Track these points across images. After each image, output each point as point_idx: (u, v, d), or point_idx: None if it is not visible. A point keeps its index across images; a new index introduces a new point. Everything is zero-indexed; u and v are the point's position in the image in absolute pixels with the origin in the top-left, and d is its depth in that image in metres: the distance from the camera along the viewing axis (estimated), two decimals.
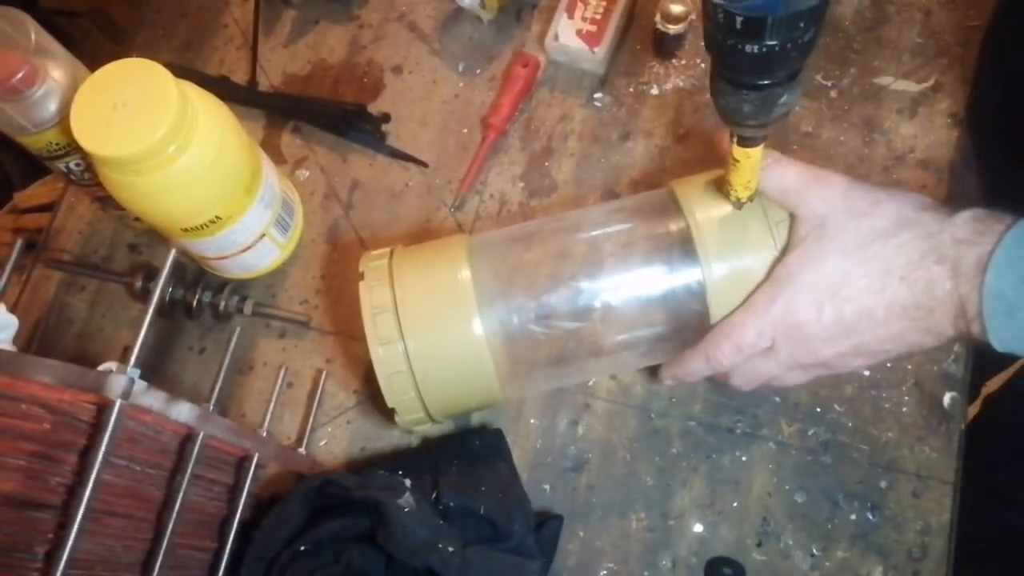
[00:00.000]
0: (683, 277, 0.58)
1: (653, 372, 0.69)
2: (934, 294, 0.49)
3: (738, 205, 0.55)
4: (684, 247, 0.57)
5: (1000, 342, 0.47)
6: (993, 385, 0.97)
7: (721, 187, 0.57)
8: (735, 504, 0.66)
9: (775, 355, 0.55)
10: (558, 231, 0.63)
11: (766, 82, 0.45)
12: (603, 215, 0.63)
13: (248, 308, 0.73)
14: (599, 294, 0.58)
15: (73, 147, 0.66)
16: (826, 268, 0.52)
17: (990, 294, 0.47)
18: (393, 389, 0.58)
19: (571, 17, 0.77)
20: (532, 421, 0.70)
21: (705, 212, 0.57)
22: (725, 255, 0.56)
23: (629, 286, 0.59)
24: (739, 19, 0.40)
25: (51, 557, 0.45)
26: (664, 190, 0.62)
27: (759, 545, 0.65)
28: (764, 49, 0.42)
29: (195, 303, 0.73)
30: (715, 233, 0.57)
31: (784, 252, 0.55)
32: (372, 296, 0.59)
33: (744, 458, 0.67)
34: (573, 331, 0.59)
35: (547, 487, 0.68)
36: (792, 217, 0.55)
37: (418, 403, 0.59)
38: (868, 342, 0.52)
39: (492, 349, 0.58)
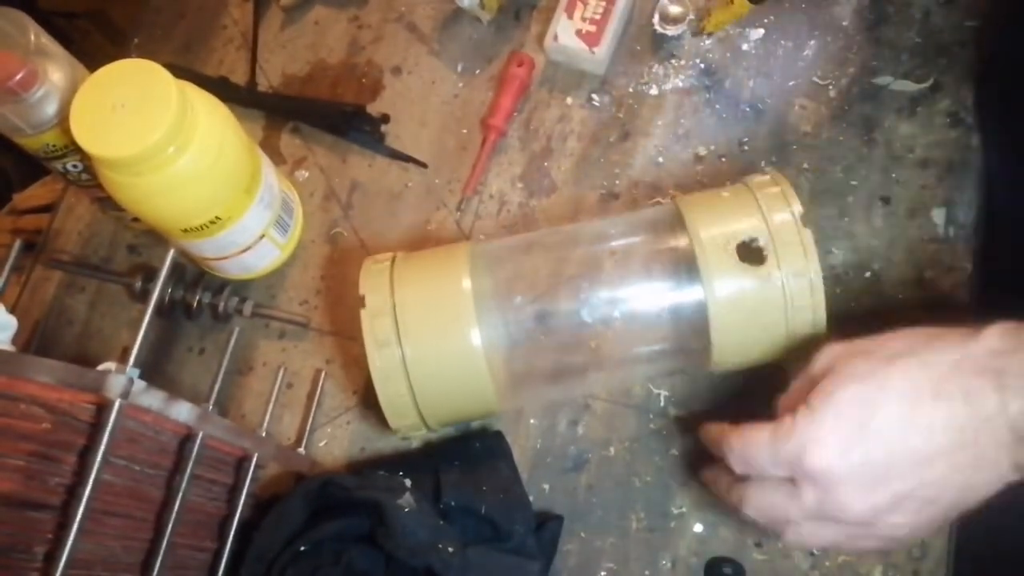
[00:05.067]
0: (685, 295, 0.58)
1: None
2: (978, 411, 0.41)
3: (698, 33, 0.61)
4: (687, 265, 0.57)
5: None
6: None
7: (733, 203, 0.58)
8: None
9: (797, 497, 0.47)
10: (561, 244, 0.63)
11: None
12: (607, 229, 0.63)
13: (247, 309, 0.73)
14: (600, 308, 0.58)
15: (71, 148, 0.66)
16: (845, 397, 0.45)
17: None
18: (388, 393, 0.58)
19: (570, 17, 0.77)
20: (532, 421, 0.70)
21: (708, 231, 0.57)
22: (728, 274, 0.56)
23: (630, 302, 0.59)
24: None
25: (50, 557, 0.45)
26: (669, 205, 0.62)
27: (759, 545, 0.65)
28: None
29: (195, 304, 0.73)
30: (719, 253, 0.56)
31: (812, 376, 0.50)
32: (371, 301, 0.59)
33: None
34: (572, 344, 0.59)
35: (547, 487, 0.68)
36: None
37: (413, 409, 0.59)
38: (907, 489, 0.43)
39: (490, 360, 0.58)
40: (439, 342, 0.58)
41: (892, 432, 0.43)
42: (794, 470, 0.46)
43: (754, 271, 0.56)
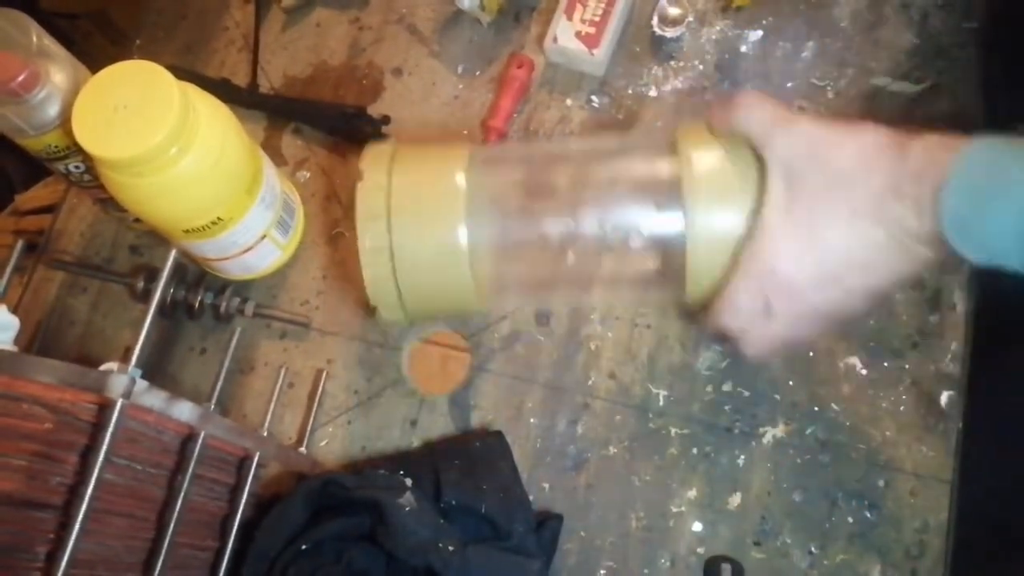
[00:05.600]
0: (669, 218, 0.57)
1: (653, 372, 0.70)
2: (906, 229, 0.49)
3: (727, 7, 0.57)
4: (673, 188, 0.57)
5: (976, 258, 0.47)
6: None
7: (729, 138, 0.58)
8: (734, 503, 0.66)
9: (773, 315, 0.55)
10: (557, 155, 0.63)
11: None
12: (605, 146, 0.63)
13: (249, 309, 0.73)
14: (585, 217, 0.59)
15: (73, 149, 0.66)
16: (796, 216, 0.52)
17: (951, 226, 0.46)
18: (374, 271, 0.59)
19: (570, 19, 0.77)
20: (531, 421, 0.70)
21: (700, 157, 0.57)
22: (710, 202, 0.56)
23: (615, 215, 0.59)
24: None
25: (52, 557, 0.45)
26: (671, 132, 0.62)
27: (757, 544, 0.65)
28: None
29: (196, 304, 0.73)
30: (704, 179, 0.56)
31: (759, 203, 0.54)
32: (368, 176, 0.60)
33: (742, 457, 0.67)
34: (555, 249, 0.60)
35: (546, 486, 0.68)
36: (763, 164, 0.54)
37: (394, 289, 0.60)
38: (853, 284, 0.52)
39: (474, 256, 0.59)
40: (427, 229, 0.59)
41: (839, 246, 0.51)
42: (764, 287, 0.54)
43: (733, 203, 0.56)
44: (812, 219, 0.52)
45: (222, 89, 0.82)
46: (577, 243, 0.59)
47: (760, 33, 0.78)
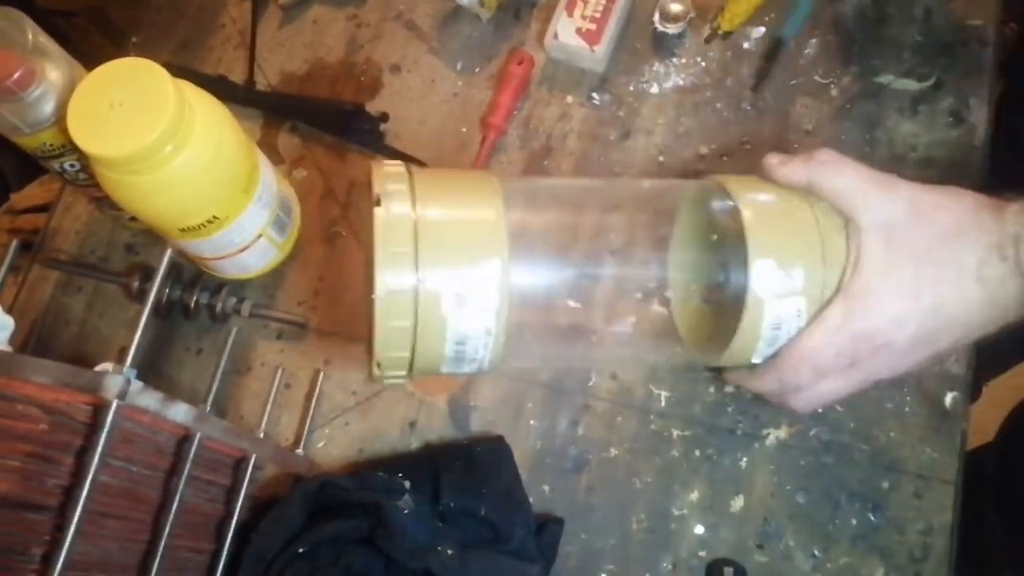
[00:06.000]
0: (723, 268, 0.55)
1: (655, 373, 0.69)
2: (1006, 291, 0.49)
3: (712, 36, 0.51)
4: (732, 237, 0.54)
5: None
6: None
7: (777, 188, 0.55)
8: (736, 505, 0.66)
9: (853, 373, 0.53)
10: (600, 196, 0.60)
11: None
12: (649, 189, 0.60)
13: (245, 309, 0.73)
14: (630, 268, 0.56)
15: (68, 147, 0.65)
16: (901, 277, 0.51)
17: None
18: (389, 313, 0.48)
19: (570, 15, 0.77)
20: (532, 422, 0.69)
21: (758, 207, 0.54)
22: (772, 252, 0.53)
23: (663, 266, 0.56)
24: None
25: (48, 559, 0.45)
26: (709, 181, 0.58)
27: (760, 546, 0.65)
28: None
29: (192, 304, 0.72)
30: (766, 228, 0.53)
31: (854, 264, 0.52)
32: (389, 200, 0.49)
33: (745, 459, 0.67)
34: (595, 301, 0.56)
35: (547, 488, 0.68)
36: (850, 224, 0.53)
37: (410, 337, 0.49)
38: (947, 346, 0.52)
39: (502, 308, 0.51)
40: (466, 273, 0.49)
41: (946, 307, 0.50)
42: (856, 347, 0.52)
43: (801, 259, 0.53)
44: (918, 280, 0.51)
45: (218, 86, 0.81)
46: (606, 295, 0.56)
47: (763, 30, 0.77)
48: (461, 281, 0.48)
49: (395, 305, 0.48)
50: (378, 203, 0.49)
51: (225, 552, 0.61)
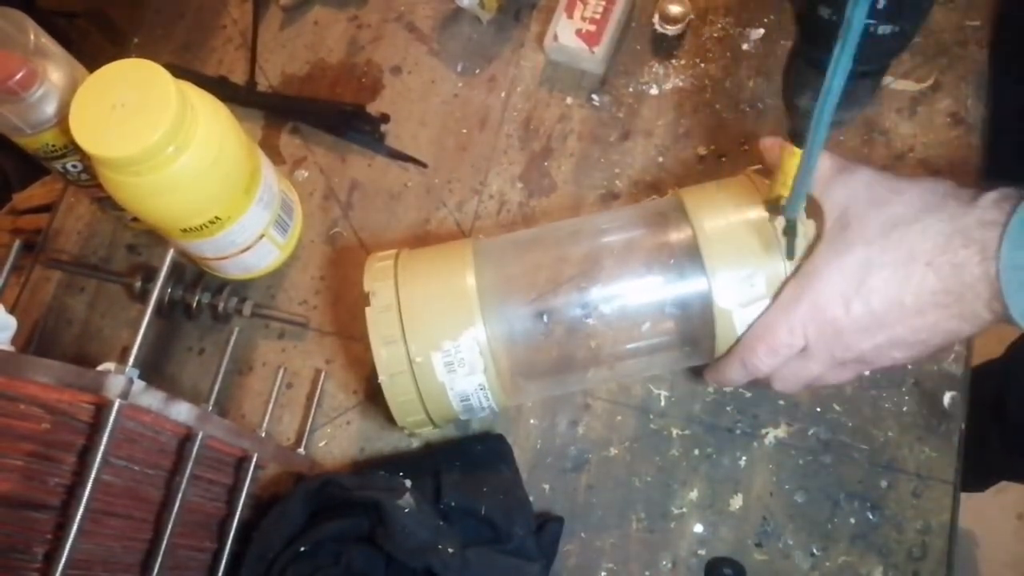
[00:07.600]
0: (687, 286, 0.57)
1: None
2: (962, 279, 0.48)
3: (779, 210, 0.54)
4: (690, 255, 0.57)
5: (1021, 316, 0.47)
6: None
7: (736, 194, 0.57)
8: (735, 504, 0.66)
9: (812, 355, 0.54)
10: (563, 237, 0.62)
11: (871, 68, 0.46)
12: (608, 222, 0.62)
13: (247, 309, 0.73)
14: (601, 301, 0.58)
15: (71, 148, 0.65)
16: (850, 259, 0.52)
17: (1005, 268, 0.46)
18: (395, 391, 0.58)
19: (570, 17, 0.77)
20: (532, 422, 0.70)
21: (712, 221, 0.57)
22: (731, 264, 0.56)
23: (631, 294, 0.58)
24: None
25: (50, 558, 0.45)
26: (670, 197, 0.62)
27: (759, 545, 0.65)
28: (897, 30, 0.42)
29: (194, 304, 0.73)
30: (721, 242, 0.56)
31: (810, 246, 0.54)
32: (376, 298, 0.59)
33: (744, 458, 0.67)
34: (574, 341, 0.59)
35: (547, 487, 0.68)
36: (816, 211, 0.54)
37: (419, 406, 0.59)
38: (903, 333, 0.51)
39: (494, 354, 0.58)
40: (444, 337, 0.57)
41: (889, 289, 0.50)
42: (806, 326, 0.53)
43: (757, 259, 0.55)
44: (866, 262, 0.51)
45: (220, 87, 0.82)
46: (594, 325, 0.58)
47: (762, 31, 0.78)
48: (444, 353, 0.57)
49: (398, 384, 0.58)
50: (367, 302, 0.58)
51: (227, 551, 0.61)
